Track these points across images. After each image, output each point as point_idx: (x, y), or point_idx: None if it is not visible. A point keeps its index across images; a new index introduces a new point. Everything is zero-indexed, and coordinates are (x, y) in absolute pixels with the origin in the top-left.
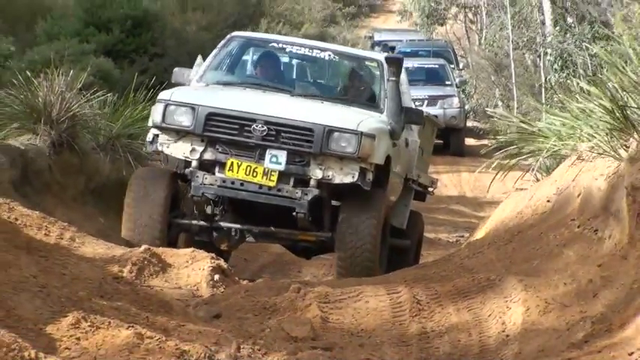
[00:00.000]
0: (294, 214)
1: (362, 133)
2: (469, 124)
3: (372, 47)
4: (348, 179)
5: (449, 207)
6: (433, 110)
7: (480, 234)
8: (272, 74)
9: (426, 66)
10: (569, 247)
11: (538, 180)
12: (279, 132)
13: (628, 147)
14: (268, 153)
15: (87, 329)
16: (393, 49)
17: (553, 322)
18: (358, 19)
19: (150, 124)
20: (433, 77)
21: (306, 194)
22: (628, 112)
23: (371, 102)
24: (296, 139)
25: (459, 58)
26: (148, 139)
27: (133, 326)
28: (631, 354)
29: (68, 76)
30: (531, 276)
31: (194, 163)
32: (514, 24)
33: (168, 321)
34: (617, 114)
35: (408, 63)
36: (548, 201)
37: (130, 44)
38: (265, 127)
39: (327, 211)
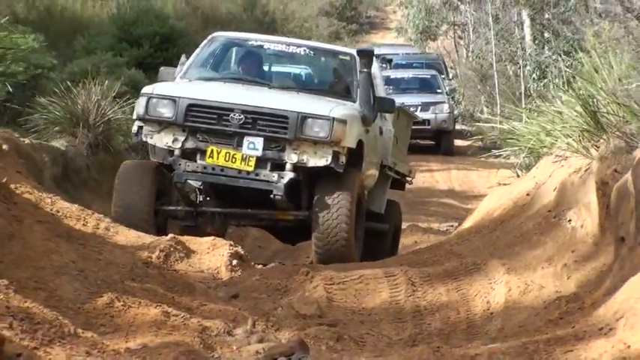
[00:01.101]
0: (271, 196)
1: (334, 118)
2: (458, 127)
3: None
4: (321, 162)
5: (440, 200)
6: (426, 115)
7: (467, 223)
8: (251, 70)
9: (420, 76)
10: (546, 235)
11: (519, 176)
12: (255, 120)
13: (598, 147)
14: (246, 140)
15: (120, 308)
16: (390, 61)
17: (532, 301)
18: (360, 35)
19: (134, 116)
20: (426, 86)
21: (283, 177)
22: (598, 116)
23: (345, 92)
24: (272, 126)
25: (448, 69)
26: (133, 131)
27: (160, 305)
28: (601, 329)
29: (103, 86)
30: (513, 260)
31: (176, 152)
32: (497, 39)
33: (192, 301)
34: (589, 118)
35: (404, 73)
36: (528, 194)
37: (159, 58)
38: (242, 116)
39: (304, 193)
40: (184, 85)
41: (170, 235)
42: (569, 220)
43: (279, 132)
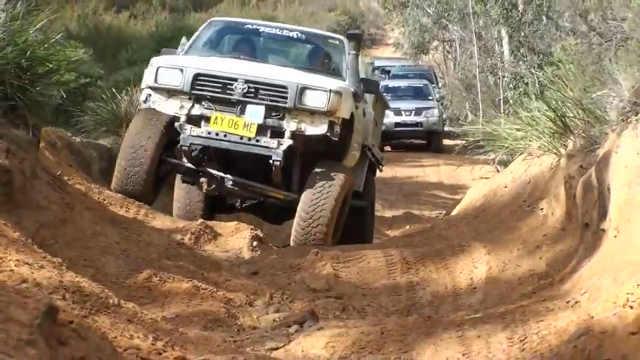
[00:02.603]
0: (270, 161)
1: (331, 90)
2: (446, 128)
3: (373, 71)
4: (318, 131)
5: (430, 191)
6: (418, 118)
7: (454, 211)
8: (248, 51)
9: (414, 85)
10: (522, 221)
11: (498, 171)
12: (257, 89)
13: (566, 146)
14: (248, 108)
15: (157, 282)
16: (389, 72)
17: (509, 278)
18: (362, 49)
19: (143, 85)
20: (419, 93)
21: (282, 144)
22: (566, 120)
23: (335, 71)
24: (273, 95)
25: (438, 79)
26: (141, 99)
27: (191, 280)
28: (568, 302)
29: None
30: (493, 243)
31: (183, 118)
32: (480, 54)
33: (218, 276)
34: (558, 122)
35: (401, 83)
36: (506, 187)
37: None
38: (245, 85)
39: (295, 176)
40: (189, 57)
41: (200, 221)
42: (541, 209)
43: (280, 101)
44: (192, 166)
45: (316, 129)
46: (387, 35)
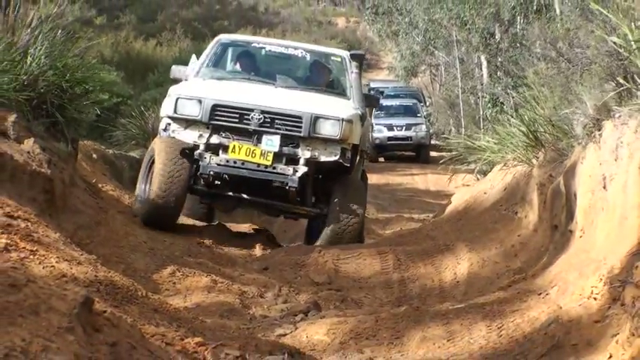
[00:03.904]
0: (286, 187)
1: (343, 119)
2: (433, 142)
3: (369, 91)
4: (331, 157)
5: (419, 197)
6: (408, 133)
7: (439, 214)
8: (256, 69)
9: (404, 104)
10: (499, 224)
11: (478, 179)
12: (273, 119)
13: (537, 158)
14: (264, 137)
15: (180, 277)
16: (382, 92)
17: (487, 273)
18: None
19: (162, 114)
20: (409, 111)
21: (297, 171)
22: (537, 135)
23: (340, 90)
24: (288, 125)
25: (426, 98)
26: (161, 127)
27: (210, 275)
28: (539, 294)
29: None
30: (473, 242)
31: (202, 147)
32: (462, 76)
33: (234, 272)
34: (531, 136)
35: (393, 102)
36: (485, 193)
37: None
38: (262, 116)
39: (309, 191)
40: (205, 85)
41: (217, 222)
42: (516, 213)
43: (294, 130)
44: (215, 191)
45: (329, 156)
46: (381, 60)
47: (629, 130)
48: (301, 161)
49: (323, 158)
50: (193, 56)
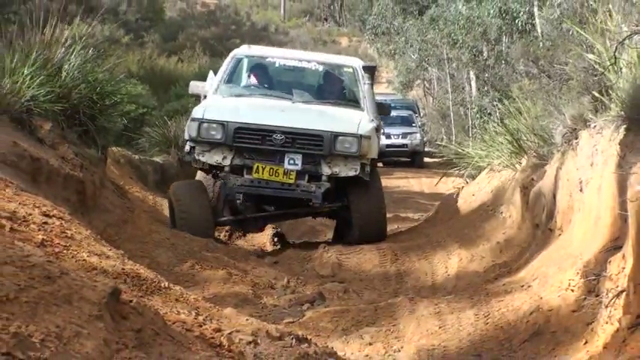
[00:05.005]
0: (310, 204)
1: (361, 135)
2: (426, 149)
3: None
4: (351, 173)
5: (414, 198)
6: (404, 141)
7: (432, 214)
8: (271, 83)
9: (401, 115)
10: (486, 222)
11: (467, 183)
12: (294, 139)
13: (521, 163)
14: (287, 157)
15: (198, 270)
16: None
17: (476, 267)
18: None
19: (186, 137)
20: (405, 121)
21: (320, 187)
22: (521, 142)
23: (354, 102)
24: (309, 144)
25: (420, 110)
26: (185, 150)
27: (225, 268)
28: (522, 286)
29: (188, 120)
30: (463, 239)
31: (226, 168)
32: (453, 90)
33: (247, 265)
34: (514, 143)
35: (391, 113)
36: (473, 195)
37: None
38: (283, 136)
39: (333, 191)
40: (226, 106)
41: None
42: (501, 213)
43: (315, 149)
44: (240, 217)
45: (349, 171)
46: (380, 75)
47: (604, 139)
48: (323, 178)
49: (343, 174)
50: (211, 72)
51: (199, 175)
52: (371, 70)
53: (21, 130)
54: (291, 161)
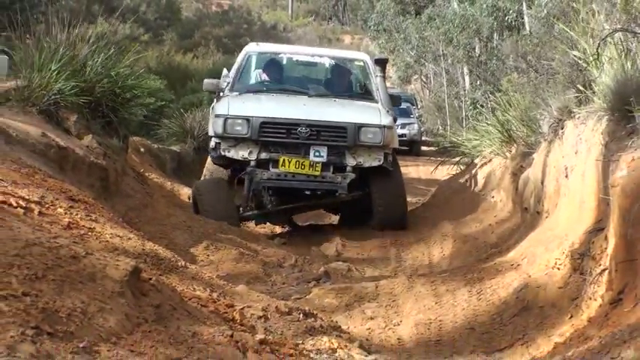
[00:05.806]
0: (336, 194)
1: (385, 126)
2: (423, 138)
3: None
4: (375, 163)
5: (412, 184)
6: (403, 131)
7: (429, 199)
8: (285, 78)
9: (400, 107)
10: (478, 206)
11: (461, 169)
12: (319, 132)
13: (510, 151)
14: (312, 149)
15: (213, 250)
16: None
17: (469, 247)
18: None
19: (211, 133)
20: (403, 113)
21: (345, 178)
22: (510, 132)
23: (368, 94)
24: (334, 136)
25: (417, 102)
26: (211, 146)
27: (238, 248)
28: (512, 265)
29: (203, 112)
30: (457, 222)
31: (252, 163)
32: (448, 84)
33: (258, 246)
34: (505, 133)
35: None
36: (466, 181)
37: None
38: (308, 129)
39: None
40: (248, 102)
41: None
42: (493, 197)
43: (340, 140)
44: (264, 211)
45: (373, 161)
46: None
47: (587, 129)
48: (348, 168)
49: (367, 164)
50: (225, 70)
51: (209, 168)
52: (382, 63)
53: (49, 122)
54: (317, 153)
